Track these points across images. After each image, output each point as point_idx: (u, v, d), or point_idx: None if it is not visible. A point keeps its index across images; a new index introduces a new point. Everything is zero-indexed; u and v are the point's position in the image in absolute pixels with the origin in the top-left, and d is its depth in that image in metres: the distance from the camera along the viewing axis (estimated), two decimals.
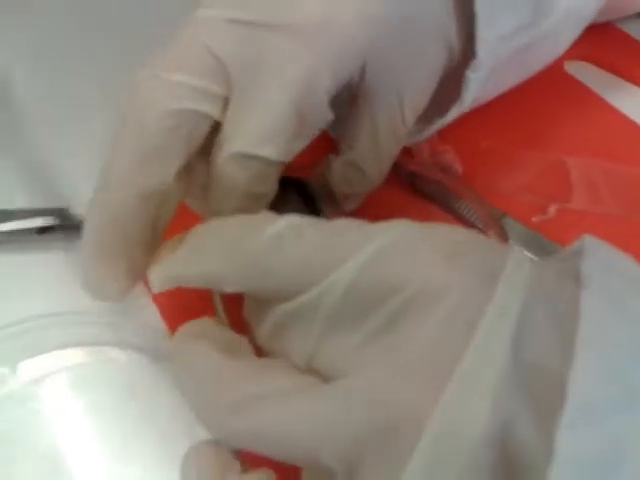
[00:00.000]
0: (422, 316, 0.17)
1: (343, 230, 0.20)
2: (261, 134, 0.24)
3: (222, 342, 0.21)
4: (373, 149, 0.29)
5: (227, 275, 0.21)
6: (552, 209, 0.33)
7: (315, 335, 0.19)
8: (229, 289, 0.21)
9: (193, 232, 0.23)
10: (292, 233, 0.20)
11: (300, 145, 0.26)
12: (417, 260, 0.18)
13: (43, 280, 0.30)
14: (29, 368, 0.28)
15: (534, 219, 0.33)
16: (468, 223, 0.32)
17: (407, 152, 0.34)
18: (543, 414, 0.15)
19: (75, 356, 0.28)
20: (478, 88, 0.31)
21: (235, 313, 0.24)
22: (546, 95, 0.39)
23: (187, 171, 0.25)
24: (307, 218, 0.21)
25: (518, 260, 0.18)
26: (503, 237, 0.31)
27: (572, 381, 0.15)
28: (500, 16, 0.29)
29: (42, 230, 0.31)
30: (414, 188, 0.34)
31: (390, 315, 0.18)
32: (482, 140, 0.36)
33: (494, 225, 0.31)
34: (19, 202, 0.32)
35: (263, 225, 0.21)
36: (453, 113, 0.32)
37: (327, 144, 0.31)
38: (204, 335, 0.22)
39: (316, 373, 0.19)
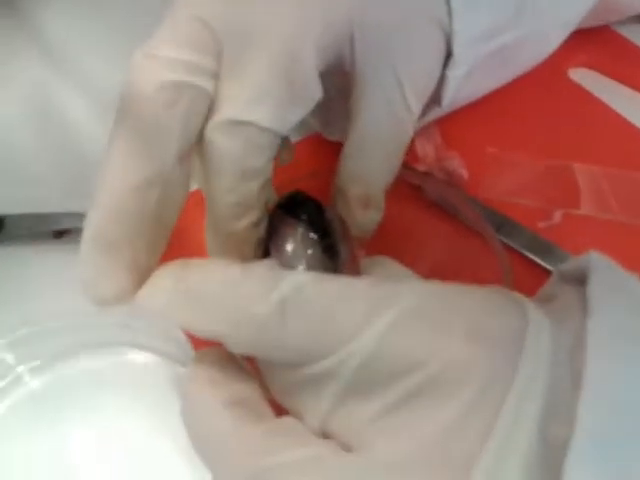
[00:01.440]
0: (445, 395, 0.17)
1: (352, 294, 0.19)
2: (248, 99, 0.24)
3: (235, 392, 0.20)
4: (374, 132, 0.28)
5: (231, 339, 0.20)
6: (558, 214, 0.33)
7: (329, 401, 0.19)
8: (234, 351, 0.20)
9: (190, 271, 0.21)
10: (298, 299, 0.19)
11: (292, 117, 0.25)
12: (437, 336, 0.18)
13: (59, 283, 0.30)
14: (45, 369, 0.28)
15: (540, 224, 0.33)
16: (473, 232, 0.32)
17: (414, 157, 0.35)
18: None
19: (91, 357, 0.28)
20: (457, 87, 0.30)
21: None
22: (551, 102, 0.39)
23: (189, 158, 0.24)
24: (313, 275, 0.20)
25: (537, 327, 0.18)
26: (502, 249, 0.30)
27: (580, 415, 0.15)
28: (477, 12, 0.29)
29: (58, 233, 0.32)
30: (420, 199, 0.34)
31: (410, 390, 0.18)
32: (488, 146, 0.37)
33: (493, 237, 0.31)
34: (36, 206, 0.32)
35: (267, 286, 0.19)
36: (433, 113, 0.32)
37: (329, 154, 0.31)
38: (217, 381, 0.21)
39: (330, 435, 0.19)
